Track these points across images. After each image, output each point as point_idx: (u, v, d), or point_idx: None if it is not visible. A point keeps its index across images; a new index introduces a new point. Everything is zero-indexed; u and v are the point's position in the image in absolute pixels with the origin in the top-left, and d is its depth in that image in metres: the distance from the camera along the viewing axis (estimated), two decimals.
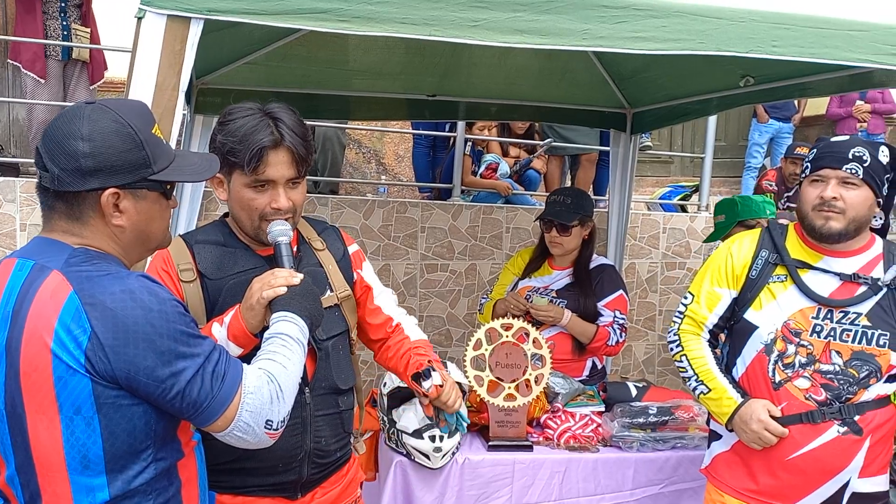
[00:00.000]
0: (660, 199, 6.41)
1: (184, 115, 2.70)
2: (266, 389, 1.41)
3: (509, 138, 5.64)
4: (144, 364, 1.29)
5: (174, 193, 1.50)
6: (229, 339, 1.67)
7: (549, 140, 5.43)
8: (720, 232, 3.69)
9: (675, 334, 2.38)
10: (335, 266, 1.97)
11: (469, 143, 5.18)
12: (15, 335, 1.29)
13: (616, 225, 4.46)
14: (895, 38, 2.31)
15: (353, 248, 2.07)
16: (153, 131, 1.44)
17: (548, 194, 3.53)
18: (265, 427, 1.40)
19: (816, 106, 7.89)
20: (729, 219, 3.65)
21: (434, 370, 1.96)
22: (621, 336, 3.20)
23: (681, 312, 2.38)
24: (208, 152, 1.73)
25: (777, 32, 2.24)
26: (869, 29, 2.30)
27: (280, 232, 1.75)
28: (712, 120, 5.92)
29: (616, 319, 3.19)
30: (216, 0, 1.91)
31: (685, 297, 2.40)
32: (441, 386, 1.95)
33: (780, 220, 4.71)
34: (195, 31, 1.92)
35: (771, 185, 6.39)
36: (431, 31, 2.05)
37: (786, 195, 6.27)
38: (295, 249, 1.90)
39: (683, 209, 6.05)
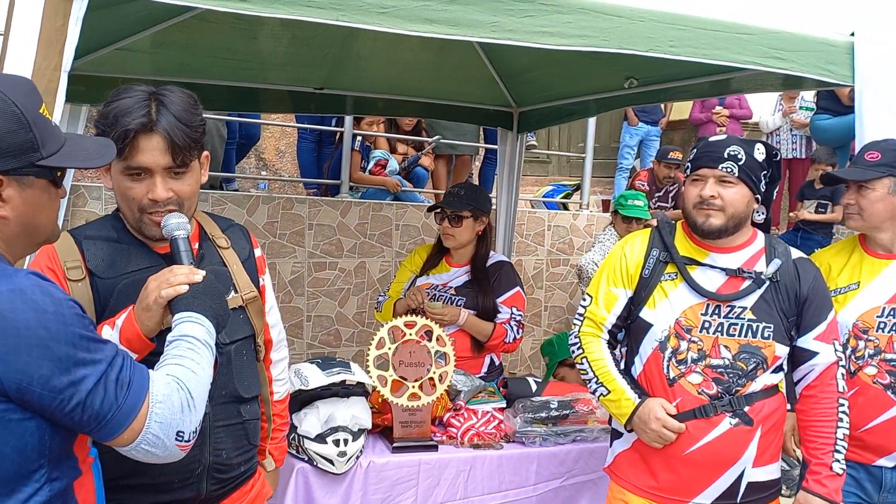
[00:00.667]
0: (543, 197, 6.57)
1: None
2: (176, 397, 1.28)
3: (397, 135, 5.60)
4: (39, 373, 1.14)
5: (63, 181, 1.35)
6: (122, 344, 1.51)
7: (437, 137, 5.43)
8: (550, 372, 3.80)
9: (575, 336, 2.39)
10: (240, 266, 1.85)
11: (359, 139, 5.09)
12: None
13: (504, 222, 4.52)
14: (778, 41, 2.45)
15: (258, 252, 1.96)
16: (41, 111, 1.28)
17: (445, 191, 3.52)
18: (176, 439, 1.27)
19: (680, 111, 8.36)
20: (552, 359, 3.78)
21: None
22: (518, 332, 3.22)
23: (580, 315, 2.40)
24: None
25: (674, 33, 2.32)
26: (755, 32, 2.43)
27: (176, 225, 1.60)
28: (591, 122, 6.13)
29: (513, 316, 3.21)
30: None
31: (584, 300, 2.42)
32: None
33: (652, 221, 4.95)
34: (79, 6, 1.74)
35: (643, 185, 6.66)
36: (338, 17, 1.97)
37: (656, 195, 6.57)
38: (196, 246, 1.76)
39: (565, 207, 6.22)
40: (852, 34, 2.67)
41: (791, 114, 7.39)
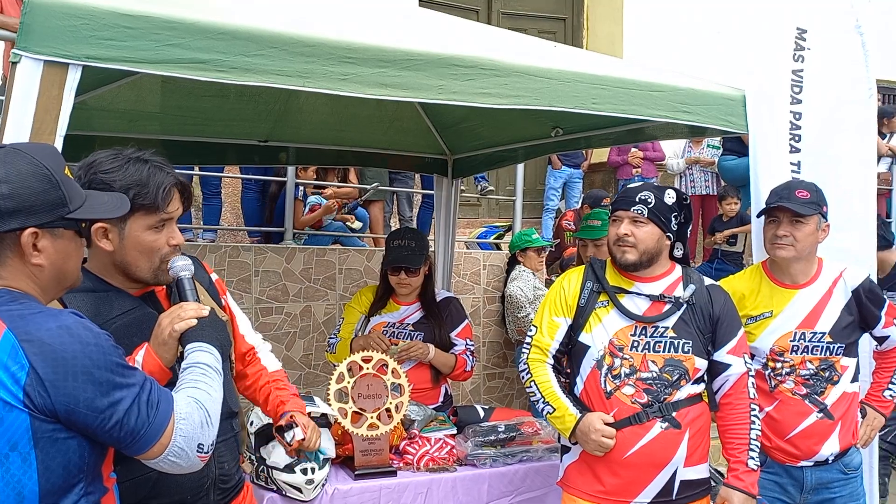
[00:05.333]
0: (477, 238, 6.86)
1: None
2: (196, 415, 1.48)
3: (335, 183, 5.81)
4: (84, 396, 1.33)
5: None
6: None
7: (375, 184, 5.67)
8: None
9: (524, 363, 2.68)
10: (206, 295, 2.04)
11: (301, 189, 5.29)
12: None
13: (442, 263, 4.77)
14: (685, 97, 2.81)
15: (214, 277, 2.17)
16: (65, 172, 1.48)
17: (386, 238, 3.73)
18: (197, 451, 1.47)
19: (600, 154, 8.86)
20: None
21: (296, 424, 2.14)
22: (473, 361, 3.51)
23: (528, 344, 2.69)
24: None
25: (596, 92, 2.63)
26: (665, 90, 2.77)
27: (182, 267, 1.81)
28: (520, 167, 6.46)
29: (468, 346, 3.48)
30: (95, 47, 1.92)
31: (530, 330, 2.71)
32: (303, 439, 2.15)
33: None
34: (73, 77, 1.92)
35: (570, 225, 7.04)
36: (305, 83, 2.20)
37: None
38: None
39: (498, 247, 6.52)
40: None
41: (694, 163, 8.00)
